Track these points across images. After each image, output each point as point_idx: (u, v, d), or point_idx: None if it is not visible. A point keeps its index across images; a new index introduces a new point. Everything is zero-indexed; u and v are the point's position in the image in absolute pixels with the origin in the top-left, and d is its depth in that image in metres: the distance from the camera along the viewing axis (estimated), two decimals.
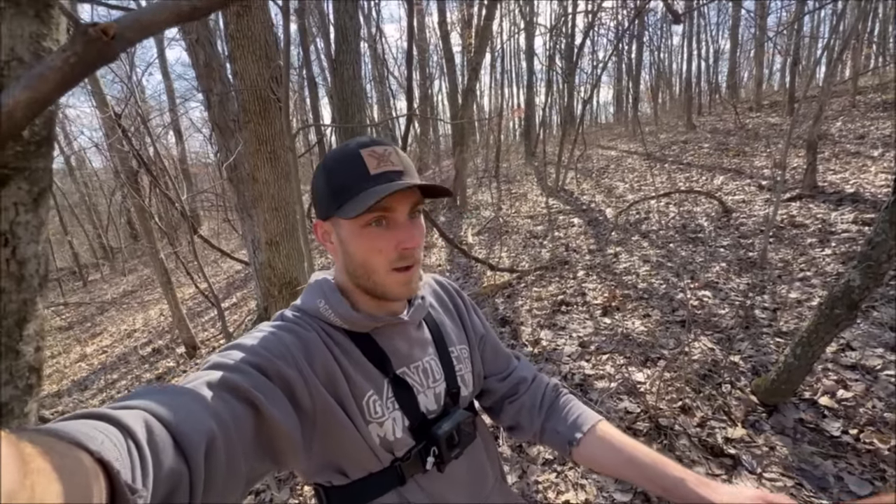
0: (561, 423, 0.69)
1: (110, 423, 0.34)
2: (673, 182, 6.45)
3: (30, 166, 0.35)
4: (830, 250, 3.28)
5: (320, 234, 0.61)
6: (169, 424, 0.37)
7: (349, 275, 0.60)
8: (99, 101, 4.85)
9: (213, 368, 0.48)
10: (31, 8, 0.32)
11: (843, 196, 4.16)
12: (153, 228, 5.76)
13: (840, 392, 1.91)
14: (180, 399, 0.41)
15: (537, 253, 5.12)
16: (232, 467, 0.41)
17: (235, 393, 0.45)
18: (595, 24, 9.77)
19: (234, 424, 0.43)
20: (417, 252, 0.58)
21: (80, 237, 16.23)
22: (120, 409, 0.36)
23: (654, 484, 0.58)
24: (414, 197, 0.57)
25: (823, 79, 4.66)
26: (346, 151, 0.56)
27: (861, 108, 7.52)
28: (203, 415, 0.41)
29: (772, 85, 16.60)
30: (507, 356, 0.79)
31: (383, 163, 0.55)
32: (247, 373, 0.48)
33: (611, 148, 11.12)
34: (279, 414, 0.47)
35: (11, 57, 0.32)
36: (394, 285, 0.58)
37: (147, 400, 0.39)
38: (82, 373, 6.29)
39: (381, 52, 11.89)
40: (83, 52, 0.27)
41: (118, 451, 0.31)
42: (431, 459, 0.60)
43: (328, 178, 0.57)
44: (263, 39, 2.37)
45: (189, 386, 0.44)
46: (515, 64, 16.43)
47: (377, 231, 0.55)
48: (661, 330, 2.82)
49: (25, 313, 0.37)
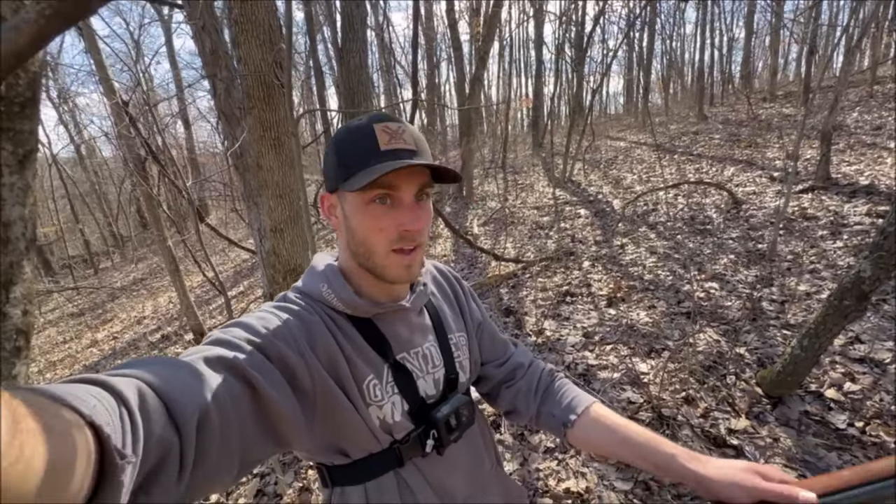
0: (556, 407, 0.70)
1: (104, 388, 0.34)
2: (682, 173, 6.36)
3: (14, 127, 0.34)
4: (842, 243, 3.22)
5: (326, 208, 0.60)
6: (162, 394, 0.37)
7: (352, 253, 0.59)
8: (107, 88, 4.87)
9: (214, 344, 0.48)
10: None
11: (857, 188, 4.08)
12: (161, 217, 5.81)
13: (847, 385, 1.89)
14: (176, 371, 0.41)
15: (543, 244, 5.09)
16: (225, 443, 0.41)
17: (233, 371, 0.45)
18: (605, 12, 9.58)
19: (230, 401, 0.42)
20: (421, 235, 0.57)
21: (91, 225, 16.43)
22: (115, 377, 0.36)
23: (647, 461, 0.58)
24: (423, 178, 0.56)
25: (840, 68, 4.54)
26: (360, 125, 0.55)
27: (879, 98, 7.33)
28: (198, 388, 0.40)
29: (787, 75, 16.23)
30: (505, 342, 0.80)
31: (395, 139, 0.54)
32: (247, 352, 0.47)
33: (620, 139, 10.97)
34: (277, 395, 0.47)
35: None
36: (393, 267, 0.57)
37: (142, 369, 0.39)
38: (94, 358, 6.41)
39: (388, 40, 11.78)
40: (59, 4, 0.26)
41: (110, 416, 0.31)
42: (431, 443, 0.61)
43: (338, 150, 0.56)
44: (267, 24, 2.35)
45: (187, 359, 0.44)
46: (524, 53, 16.20)
47: (381, 209, 0.54)
48: (666, 321, 2.79)
49: (12, 275, 0.36)
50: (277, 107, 2.40)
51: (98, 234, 16.62)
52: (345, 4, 5.66)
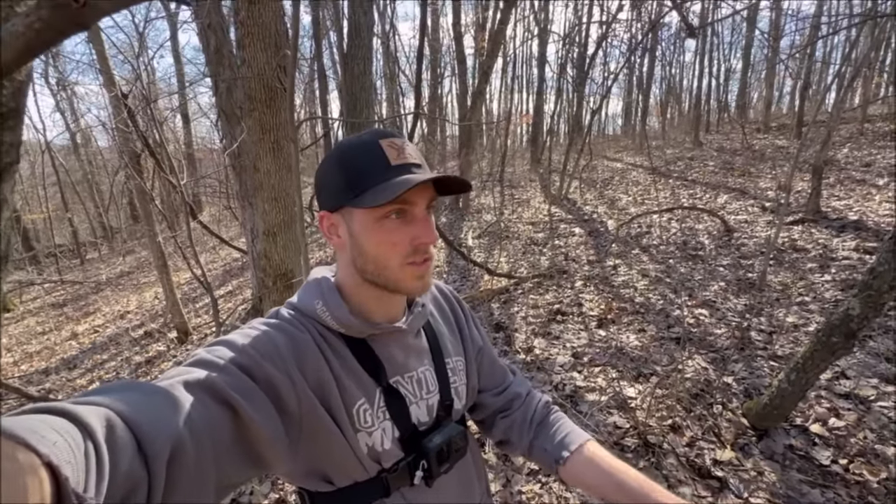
0: (549, 442, 0.68)
1: (70, 418, 0.32)
2: (676, 198, 6.44)
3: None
4: (830, 276, 3.26)
5: (326, 227, 0.59)
6: (133, 425, 0.35)
7: (358, 270, 0.57)
8: (107, 79, 4.83)
9: (196, 365, 0.46)
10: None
11: (846, 223, 4.15)
12: (153, 211, 5.73)
13: (832, 420, 1.89)
14: (151, 398, 0.39)
15: (536, 260, 5.10)
16: (199, 473, 0.39)
17: (214, 394, 0.43)
18: (608, 36, 9.77)
19: (207, 428, 0.41)
20: (431, 248, 0.57)
21: (81, 215, 16.18)
22: (83, 405, 0.34)
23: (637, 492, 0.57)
24: (431, 191, 0.56)
25: (833, 104, 4.66)
26: (364, 140, 0.54)
27: (869, 136, 7.51)
28: (172, 417, 0.39)
29: (781, 108, 16.60)
30: (504, 370, 0.78)
31: (402, 154, 0.54)
32: (231, 373, 0.46)
33: (616, 160, 11.11)
34: (260, 417, 0.45)
35: None
36: (409, 279, 0.56)
37: (115, 396, 0.37)
38: (72, 351, 6.26)
39: (394, 49, 11.88)
40: (50, 17, 0.25)
41: (73, 452, 0.29)
42: (420, 473, 0.58)
43: (343, 167, 0.54)
44: (274, 28, 2.35)
45: (164, 384, 0.42)
46: (527, 70, 16.42)
47: (394, 224, 0.54)
48: (655, 346, 2.80)
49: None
50: (279, 110, 2.40)
51: (87, 225, 16.38)
52: (353, 11, 5.71)
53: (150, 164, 6.24)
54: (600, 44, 8.72)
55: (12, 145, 0.35)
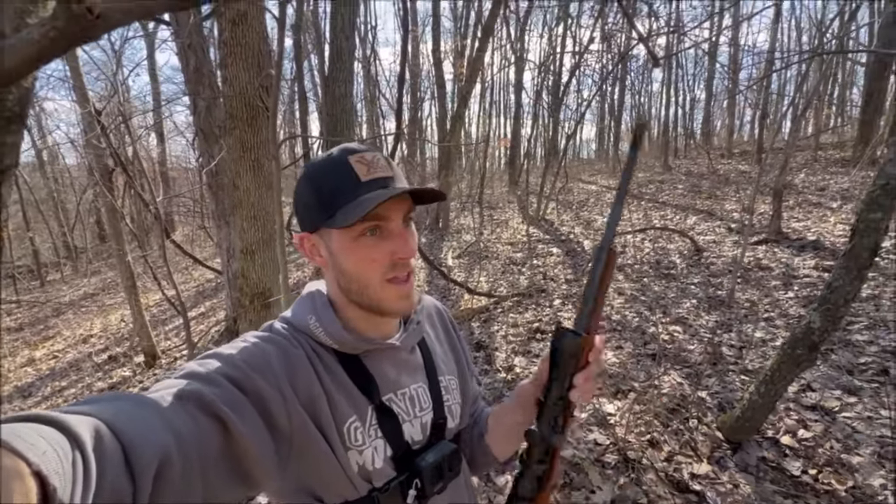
0: (477, 428, 0.74)
1: (59, 428, 0.31)
2: (649, 219, 6.68)
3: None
4: (793, 293, 3.43)
5: (307, 249, 0.58)
6: (121, 436, 0.35)
7: (342, 290, 0.57)
8: (80, 96, 4.74)
9: (187, 378, 0.45)
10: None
11: (806, 243, 4.39)
12: (123, 230, 5.55)
13: (801, 432, 1.96)
14: (140, 410, 0.39)
15: (515, 279, 5.16)
16: (186, 489, 0.38)
17: (203, 407, 0.43)
18: (581, 65, 10.25)
19: (195, 442, 0.40)
20: (412, 261, 0.56)
21: (44, 234, 15.45)
22: (72, 415, 0.33)
23: (517, 408, 0.63)
24: (407, 203, 0.55)
25: (789, 133, 5.00)
26: (332, 159, 0.54)
27: (822, 162, 8.05)
28: (162, 429, 0.38)
29: (742, 135, 17.62)
30: (478, 392, 0.80)
31: (373, 169, 0.53)
32: (221, 386, 0.45)
33: (591, 182, 11.48)
34: (249, 432, 0.44)
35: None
36: (391, 300, 0.55)
37: (103, 407, 0.36)
38: (28, 378, 5.88)
39: (375, 73, 12.11)
40: (64, 27, 0.26)
41: (61, 462, 0.29)
42: (413, 493, 0.57)
43: (314, 188, 0.54)
44: (257, 48, 2.38)
45: (153, 396, 0.42)
46: (504, 96, 16.96)
47: (371, 241, 0.53)
48: (632, 362, 2.85)
49: None
50: (260, 129, 2.40)
51: (50, 244, 15.63)
52: (335, 36, 5.82)
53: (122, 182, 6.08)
54: (573, 72, 9.13)
55: (13, 147, 0.35)
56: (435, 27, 9.33)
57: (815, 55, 4.37)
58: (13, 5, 0.31)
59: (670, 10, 10.01)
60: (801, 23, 12.81)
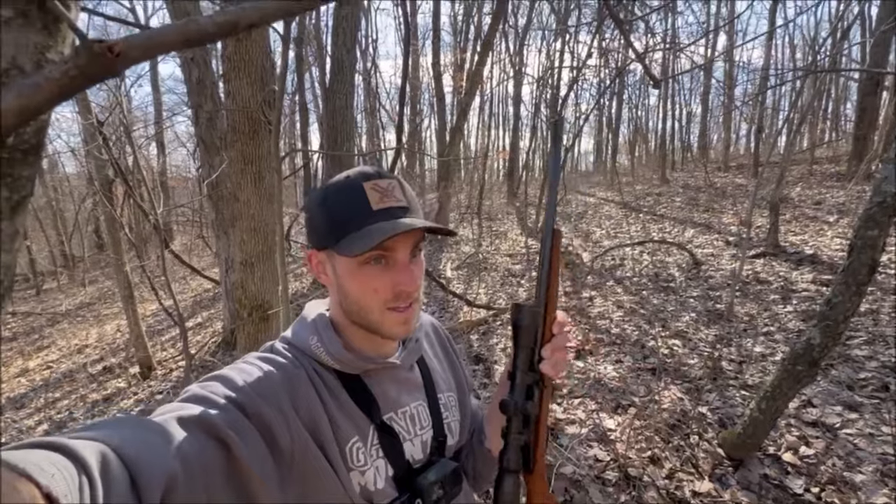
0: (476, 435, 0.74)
1: (65, 453, 0.32)
2: (647, 231, 6.71)
3: (13, 173, 0.33)
4: (792, 307, 3.43)
5: (314, 265, 0.59)
6: (128, 461, 0.35)
7: (344, 311, 0.58)
8: (82, 107, 4.76)
9: (190, 401, 0.46)
10: (39, 21, 0.33)
11: (803, 256, 4.41)
12: (121, 239, 5.55)
13: (802, 448, 1.95)
14: (145, 434, 0.39)
15: (514, 291, 5.16)
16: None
17: (208, 430, 0.43)
18: (579, 80, 10.40)
19: (200, 465, 0.40)
20: (416, 293, 0.56)
21: (41, 243, 15.39)
22: (78, 440, 0.34)
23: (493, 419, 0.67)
24: (417, 236, 0.55)
25: (784, 146, 5.05)
26: (348, 182, 0.54)
27: (818, 176, 8.12)
28: (167, 453, 0.38)
29: (738, 149, 17.79)
30: (476, 411, 0.80)
31: (387, 197, 0.53)
32: (224, 409, 0.46)
33: (589, 195, 11.55)
34: (251, 454, 0.45)
35: (12, 65, 0.32)
36: (391, 325, 0.56)
37: (109, 431, 0.37)
38: (21, 389, 5.80)
39: (375, 85, 12.24)
40: (85, 66, 0.27)
41: (69, 486, 0.29)
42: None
43: (327, 209, 0.54)
44: (260, 63, 2.41)
45: (158, 420, 0.42)
46: (503, 108, 17.13)
47: (375, 270, 0.54)
48: (632, 376, 2.84)
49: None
50: (262, 142, 2.42)
51: (47, 252, 15.57)
52: (336, 49, 5.90)
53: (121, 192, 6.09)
54: (571, 86, 9.25)
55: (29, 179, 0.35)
56: (435, 41, 9.48)
57: (810, 73, 4.45)
58: (33, 40, 0.31)
59: (666, 27, 10.19)
60: (794, 40, 13.03)
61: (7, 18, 0.31)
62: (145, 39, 0.29)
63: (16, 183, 0.34)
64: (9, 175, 0.33)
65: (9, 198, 0.34)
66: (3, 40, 0.30)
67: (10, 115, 0.26)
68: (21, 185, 0.34)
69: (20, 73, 0.33)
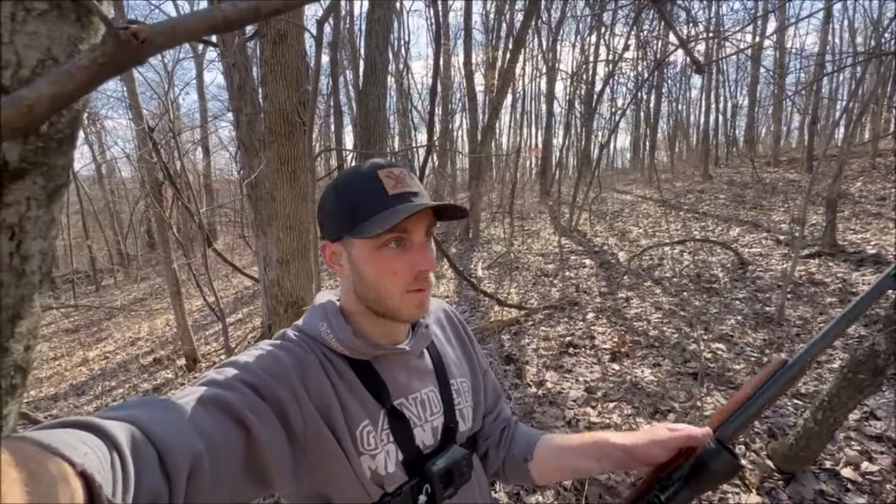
0: (517, 447, 0.70)
1: (97, 433, 0.33)
2: (688, 230, 6.40)
3: (48, 162, 0.35)
4: None
5: (328, 256, 0.60)
6: (156, 440, 0.36)
7: (359, 297, 0.58)
8: (136, 114, 5.08)
9: (209, 385, 0.47)
10: (72, 13, 0.34)
11: (865, 256, 4.07)
12: (170, 239, 5.88)
13: (865, 464, 1.79)
14: (171, 415, 0.41)
15: (547, 291, 5.05)
16: (215, 488, 0.40)
17: (227, 412, 0.44)
18: (615, 74, 10.08)
19: (222, 444, 0.42)
20: (432, 273, 0.57)
21: (100, 242, 16.62)
22: (108, 420, 0.35)
23: (588, 457, 0.60)
24: (430, 219, 0.57)
25: (842, 139, 4.68)
26: (362, 171, 0.56)
27: (881, 169, 7.47)
28: (192, 433, 0.40)
29: (790, 142, 16.69)
30: (500, 393, 0.79)
31: (400, 183, 0.55)
32: (241, 392, 0.47)
33: (626, 192, 11.17)
34: (269, 436, 0.46)
35: (47, 56, 0.33)
36: (408, 307, 0.57)
37: (138, 412, 0.38)
38: (81, 377, 6.27)
39: (407, 86, 12.39)
40: (113, 53, 0.28)
41: (101, 464, 0.30)
42: (424, 498, 0.57)
43: (342, 198, 0.56)
44: (295, 66, 2.48)
45: (181, 401, 0.44)
46: (535, 106, 16.88)
47: (393, 252, 0.55)
48: (671, 381, 2.71)
49: (20, 310, 0.36)
50: (297, 143, 2.49)
51: (105, 251, 16.77)
52: (369, 51, 6.00)
53: (170, 194, 6.46)
54: (607, 81, 8.98)
55: (64, 168, 0.37)
56: (466, 40, 9.43)
57: (873, 57, 4.09)
58: (66, 32, 0.33)
59: (709, 16, 9.68)
60: (854, 23, 12.04)
61: (42, 11, 0.33)
62: (169, 27, 0.30)
63: (51, 172, 0.36)
64: (44, 164, 0.35)
65: (44, 186, 0.35)
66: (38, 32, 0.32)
67: (43, 101, 0.27)
68: (56, 174, 0.36)
69: (54, 63, 0.34)
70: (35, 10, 0.32)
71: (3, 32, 0.30)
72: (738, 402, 0.51)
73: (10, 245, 0.34)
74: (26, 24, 0.32)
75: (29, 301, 0.37)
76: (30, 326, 0.39)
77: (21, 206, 0.35)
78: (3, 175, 0.32)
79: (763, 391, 0.49)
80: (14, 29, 0.32)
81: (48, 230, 0.38)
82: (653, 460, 0.53)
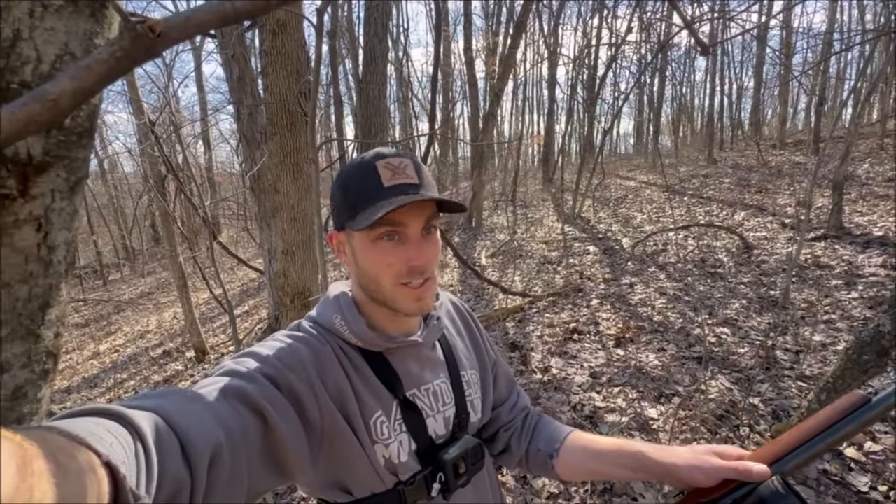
0: (541, 441, 0.70)
1: (121, 422, 0.34)
2: (692, 215, 6.37)
3: (70, 155, 0.36)
4: (857, 294, 3.16)
5: (335, 245, 0.61)
6: (178, 430, 0.37)
7: (362, 287, 0.59)
8: (136, 108, 5.07)
9: (227, 375, 0.48)
10: (87, 8, 0.35)
11: (871, 239, 4.04)
12: (175, 232, 5.91)
13: (868, 444, 1.81)
14: (192, 405, 0.41)
15: (551, 279, 5.06)
16: (234, 478, 0.41)
17: (246, 402, 0.45)
18: (618, 57, 9.92)
19: (241, 435, 0.43)
20: (429, 269, 0.56)
21: (105, 237, 16.73)
22: (133, 409, 0.36)
23: (621, 467, 0.59)
24: (428, 211, 0.56)
25: (850, 120, 4.61)
26: (363, 163, 0.56)
27: (890, 150, 7.37)
28: (212, 423, 0.41)
29: (796, 124, 16.46)
30: (513, 384, 0.79)
31: (398, 175, 0.54)
32: (259, 382, 0.48)
33: (629, 178, 11.08)
34: (286, 427, 0.47)
35: (65, 51, 0.34)
36: (404, 301, 0.57)
37: (159, 402, 0.39)
38: (93, 370, 6.37)
39: (407, 74, 12.26)
40: (130, 46, 0.28)
41: (126, 453, 0.31)
42: (437, 486, 0.58)
43: (344, 189, 0.56)
44: (296, 57, 2.46)
45: (202, 392, 0.44)
46: (537, 92, 16.70)
47: (388, 245, 0.55)
48: (676, 365, 2.73)
49: (49, 298, 0.37)
50: (299, 133, 2.48)
51: (111, 246, 16.88)
52: (368, 39, 5.93)
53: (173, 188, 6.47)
54: (610, 65, 8.85)
55: (84, 161, 0.38)
56: (466, 26, 9.29)
57: (882, 34, 4.01)
58: (82, 27, 0.33)
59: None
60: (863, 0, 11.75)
61: (58, 6, 0.34)
62: (183, 20, 0.30)
63: (73, 164, 0.36)
64: (66, 157, 0.36)
65: (67, 178, 0.36)
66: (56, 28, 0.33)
67: (66, 96, 0.28)
68: (77, 166, 0.37)
69: (72, 58, 0.35)
70: (52, 6, 0.33)
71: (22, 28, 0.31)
72: (801, 437, 0.46)
73: (37, 236, 0.35)
74: (44, 20, 0.33)
75: (56, 290, 0.39)
76: (58, 314, 0.40)
77: (46, 198, 0.36)
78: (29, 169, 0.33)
79: (837, 428, 0.44)
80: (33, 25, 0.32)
81: (72, 221, 0.39)
82: (694, 484, 0.52)
